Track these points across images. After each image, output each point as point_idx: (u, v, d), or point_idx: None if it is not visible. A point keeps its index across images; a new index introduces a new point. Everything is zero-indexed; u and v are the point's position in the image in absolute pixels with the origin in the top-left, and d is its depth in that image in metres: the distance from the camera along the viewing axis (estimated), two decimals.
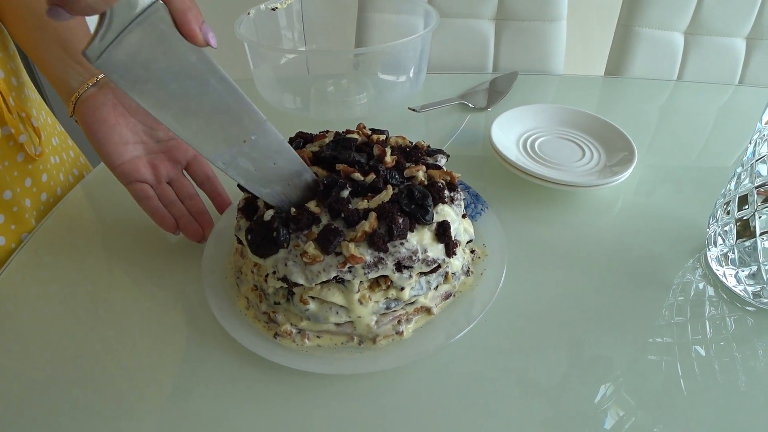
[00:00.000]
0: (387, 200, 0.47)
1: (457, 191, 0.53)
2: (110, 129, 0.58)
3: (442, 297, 0.54)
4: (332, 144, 0.55)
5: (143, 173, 0.61)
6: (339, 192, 0.48)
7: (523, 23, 1.19)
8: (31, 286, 0.60)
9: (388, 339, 0.51)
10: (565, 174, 0.71)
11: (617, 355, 0.51)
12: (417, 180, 0.51)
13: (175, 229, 0.61)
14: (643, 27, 1.16)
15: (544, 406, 0.47)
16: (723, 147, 0.86)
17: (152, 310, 0.57)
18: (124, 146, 0.59)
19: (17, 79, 0.71)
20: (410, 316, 0.52)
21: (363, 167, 0.51)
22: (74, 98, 0.59)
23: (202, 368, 0.51)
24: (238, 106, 0.43)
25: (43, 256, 0.64)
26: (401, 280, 0.48)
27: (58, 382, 0.50)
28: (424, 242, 0.48)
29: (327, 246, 0.45)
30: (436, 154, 0.56)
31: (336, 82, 0.96)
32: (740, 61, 1.17)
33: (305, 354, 0.50)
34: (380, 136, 0.57)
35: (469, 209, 0.63)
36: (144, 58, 0.37)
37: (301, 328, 0.51)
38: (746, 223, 0.52)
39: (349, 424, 0.46)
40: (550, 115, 0.83)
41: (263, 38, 0.93)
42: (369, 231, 0.45)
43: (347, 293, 0.48)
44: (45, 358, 0.52)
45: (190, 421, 0.47)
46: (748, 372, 0.49)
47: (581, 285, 0.59)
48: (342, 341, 0.51)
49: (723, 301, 0.56)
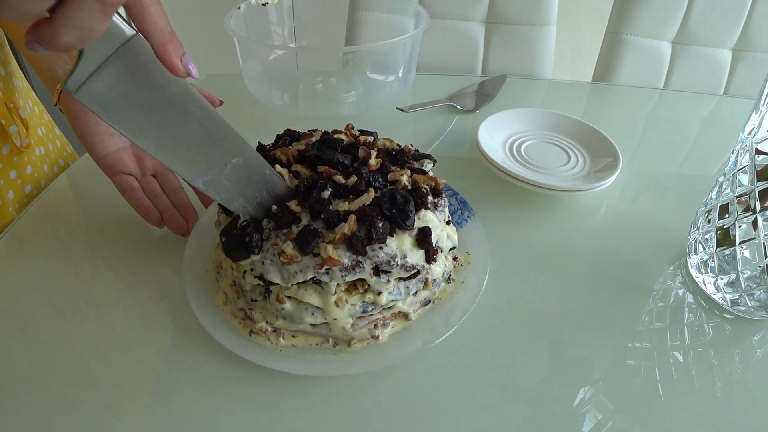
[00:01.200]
0: (368, 203, 0.47)
1: (441, 197, 0.52)
2: (96, 119, 0.57)
3: (421, 303, 0.53)
4: (318, 144, 0.54)
5: (128, 165, 0.60)
6: (320, 193, 0.47)
7: (513, 27, 1.20)
8: (9, 274, 0.59)
9: (364, 342, 0.50)
10: (551, 178, 0.71)
11: (597, 359, 0.52)
12: (400, 184, 0.50)
13: (160, 223, 0.60)
14: (631, 35, 1.17)
15: (523, 408, 0.47)
16: (706, 156, 0.87)
17: (133, 303, 0.56)
18: (110, 137, 0.58)
19: (5, 69, 0.70)
20: (387, 321, 0.52)
21: (347, 169, 0.51)
22: (59, 87, 0.58)
23: (180, 363, 0.50)
24: (219, 132, 0.43)
25: (24, 245, 0.63)
26: (379, 284, 0.48)
27: (35, 374, 0.49)
28: (404, 247, 0.47)
29: (305, 247, 0.44)
30: (422, 158, 0.56)
31: (325, 80, 0.95)
32: (725, 72, 1.19)
33: (279, 353, 0.49)
34: (368, 138, 0.56)
35: (455, 216, 0.63)
36: (124, 90, 0.37)
37: (276, 327, 0.51)
38: (726, 232, 0.53)
39: (321, 425, 0.46)
40: (537, 119, 0.83)
41: (253, 33, 0.93)
42: (348, 233, 0.45)
43: (324, 295, 0.48)
44: (21, 350, 0.51)
45: (162, 412, 0.46)
46: (725, 378, 0.50)
47: (563, 289, 0.59)
48: (317, 342, 0.51)
49: (702, 308, 0.57)
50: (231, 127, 0.43)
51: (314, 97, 0.93)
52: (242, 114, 0.93)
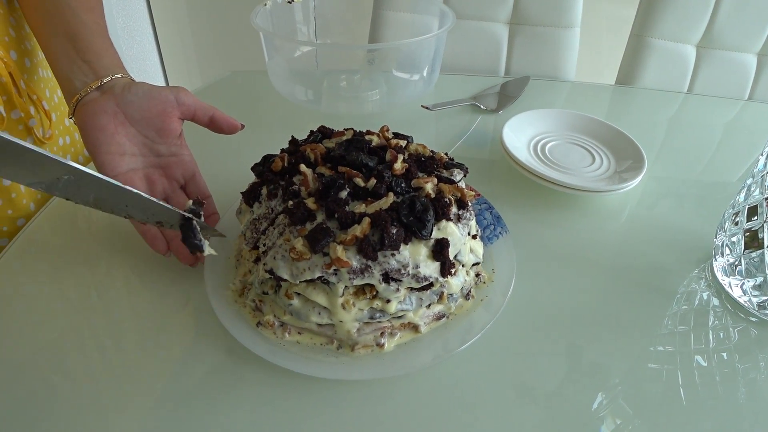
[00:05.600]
0: (385, 208, 0.46)
1: (467, 209, 0.51)
2: (108, 137, 0.55)
3: (434, 317, 0.52)
4: (345, 143, 0.53)
5: (138, 188, 0.55)
6: (337, 192, 0.47)
7: (537, 28, 1.19)
8: (23, 275, 0.60)
9: (368, 349, 0.49)
10: (575, 178, 0.71)
11: (618, 362, 0.51)
12: (423, 192, 0.49)
13: (166, 251, 0.57)
14: (655, 38, 1.16)
15: (540, 411, 0.47)
16: (730, 161, 0.86)
17: (152, 290, 0.57)
18: (121, 157, 0.56)
19: (31, 60, 0.71)
20: (395, 331, 0.51)
21: (371, 171, 0.50)
22: (75, 100, 0.56)
23: (190, 349, 0.52)
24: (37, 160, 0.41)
25: (43, 238, 0.64)
26: (387, 291, 0.46)
27: (42, 366, 0.50)
28: (418, 257, 0.46)
29: (315, 244, 0.44)
30: (453, 167, 0.54)
31: (349, 78, 0.96)
32: (750, 77, 1.17)
33: (282, 348, 0.49)
34: (400, 142, 0.55)
35: (487, 231, 0.61)
36: None
37: (284, 322, 0.50)
38: (754, 234, 0.53)
39: (309, 425, 0.46)
40: (561, 120, 0.83)
41: (278, 31, 0.93)
42: (360, 236, 0.44)
43: (331, 295, 0.47)
44: (31, 342, 0.52)
45: (158, 389, 0.47)
46: (749, 384, 0.49)
47: (584, 290, 0.59)
48: (321, 342, 0.50)
49: (727, 311, 0.56)
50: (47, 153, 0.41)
51: (338, 95, 0.94)
52: (266, 110, 0.94)
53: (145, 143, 0.57)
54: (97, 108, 0.55)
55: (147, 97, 0.55)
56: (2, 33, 0.65)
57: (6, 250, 0.62)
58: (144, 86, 0.56)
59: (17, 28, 0.69)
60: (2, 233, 0.66)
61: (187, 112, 0.58)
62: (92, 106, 0.55)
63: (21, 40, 0.69)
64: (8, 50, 0.66)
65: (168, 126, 0.57)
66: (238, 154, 0.64)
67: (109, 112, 0.55)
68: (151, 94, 0.56)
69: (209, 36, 2.18)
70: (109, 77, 0.57)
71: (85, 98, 0.56)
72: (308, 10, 0.97)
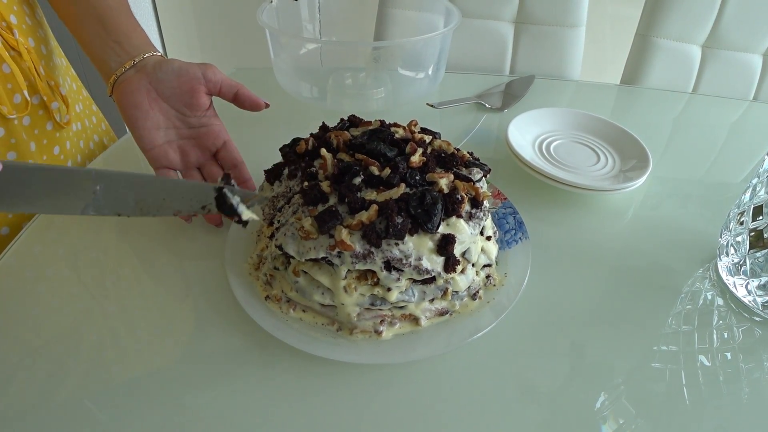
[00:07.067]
0: (395, 197, 0.47)
1: (481, 209, 0.51)
2: (144, 114, 0.59)
3: (436, 312, 0.52)
4: (369, 132, 0.55)
5: (172, 159, 0.61)
6: (352, 178, 0.48)
7: (542, 27, 1.19)
8: (39, 249, 0.61)
9: (366, 335, 0.50)
10: (580, 177, 0.71)
11: (621, 362, 0.51)
12: (437, 187, 0.49)
13: (220, 223, 0.64)
14: (661, 38, 1.16)
15: (542, 409, 0.47)
16: (735, 161, 0.86)
17: (170, 263, 0.59)
18: (157, 131, 0.60)
19: (46, 47, 0.72)
20: (395, 320, 0.51)
21: (388, 161, 0.51)
22: (112, 80, 0.60)
23: (196, 306, 0.55)
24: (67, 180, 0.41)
25: (57, 220, 0.65)
26: (388, 280, 0.47)
27: (56, 349, 0.50)
28: (422, 250, 0.46)
29: (323, 225, 0.45)
30: (474, 166, 0.55)
31: (354, 75, 0.96)
32: (756, 77, 1.17)
33: (285, 324, 0.50)
34: (425, 137, 0.56)
35: (508, 235, 0.61)
36: None
37: (290, 298, 0.52)
38: (759, 234, 0.53)
39: (317, 404, 0.47)
40: (566, 119, 0.83)
41: (284, 28, 0.94)
42: (366, 222, 0.45)
43: (334, 277, 0.48)
44: (47, 323, 0.53)
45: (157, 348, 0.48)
46: (753, 384, 0.49)
47: (588, 288, 0.59)
48: (323, 322, 0.51)
49: (731, 311, 0.56)
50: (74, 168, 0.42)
51: (343, 92, 0.94)
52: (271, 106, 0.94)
53: (177, 117, 0.61)
54: (133, 87, 0.59)
55: (176, 74, 0.59)
56: (20, 21, 0.67)
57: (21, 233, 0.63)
58: (174, 64, 0.59)
59: (32, 17, 0.70)
60: (22, 216, 0.68)
61: (213, 88, 0.61)
62: (128, 85, 0.59)
63: (36, 28, 0.70)
64: (27, 37, 0.67)
65: (197, 101, 0.60)
66: (243, 152, 0.65)
67: (143, 90, 0.58)
68: (180, 71, 0.59)
69: (214, 33, 2.18)
70: (141, 56, 0.60)
71: (120, 77, 0.60)
72: (314, 7, 0.97)
